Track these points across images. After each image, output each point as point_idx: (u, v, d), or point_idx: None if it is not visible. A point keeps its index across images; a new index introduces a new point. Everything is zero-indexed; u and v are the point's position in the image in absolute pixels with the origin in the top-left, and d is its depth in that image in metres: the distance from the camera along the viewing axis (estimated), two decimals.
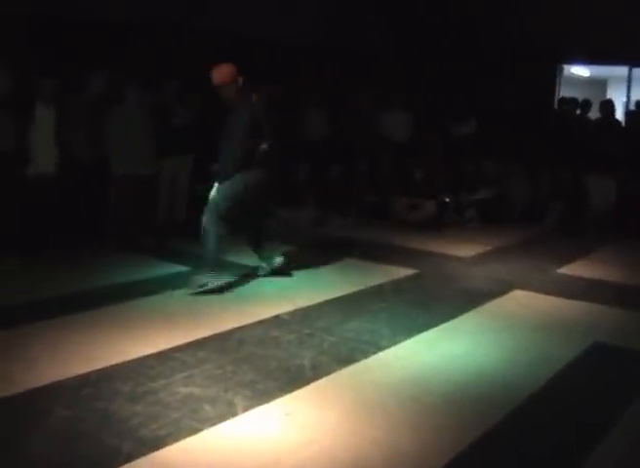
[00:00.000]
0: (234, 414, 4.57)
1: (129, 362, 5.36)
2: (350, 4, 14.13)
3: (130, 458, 3.96)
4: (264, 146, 7.31)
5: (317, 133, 11.95)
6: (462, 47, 14.92)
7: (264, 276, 7.88)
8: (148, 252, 8.85)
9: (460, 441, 4.35)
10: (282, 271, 7.94)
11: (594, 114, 12.56)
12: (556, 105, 13.99)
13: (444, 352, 5.88)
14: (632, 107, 13.35)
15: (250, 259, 8.16)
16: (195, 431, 4.32)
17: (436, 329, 6.46)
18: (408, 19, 15.09)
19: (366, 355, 5.72)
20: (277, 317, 6.60)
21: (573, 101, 12.81)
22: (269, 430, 4.41)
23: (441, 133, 12.80)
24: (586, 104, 12.56)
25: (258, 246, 7.93)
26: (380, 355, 5.77)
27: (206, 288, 7.24)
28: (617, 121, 12.67)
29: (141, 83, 9.26)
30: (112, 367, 5.25)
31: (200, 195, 7.78)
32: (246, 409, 4.66)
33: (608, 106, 12.39)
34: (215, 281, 7.32)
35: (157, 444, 4.13)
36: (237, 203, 7.35)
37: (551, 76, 15.25)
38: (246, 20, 11.89)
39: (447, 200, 11.94)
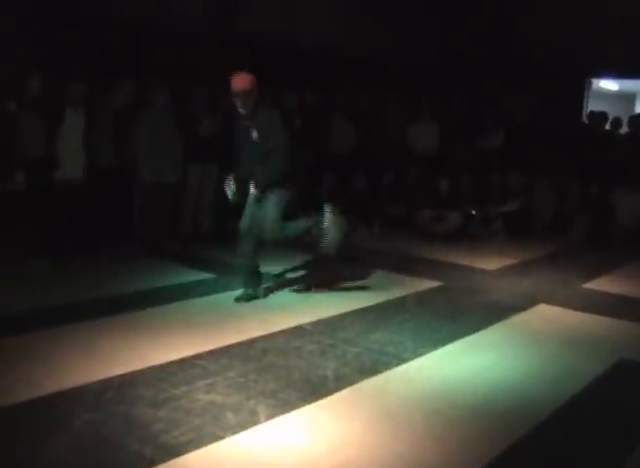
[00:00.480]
0: (256, 423, 4.54)
1: (151, 368, 5.35)
2: (380, 14, 14.11)
3: (151, 464, 3.95)
4: None
5: (344, 143, 11.91)
6: (493, 59, 14.87)
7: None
8: (173, 258, 8.88)
9: (485, 455, 4.30)
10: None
11: (623, 129, 12.50)
12: (585, 119, 13.92)
13: (469, 365, 5.83)
14: None
15: (272, 268, 8.16)
16: (217, 438, 4.29)
17: (461, 341, 6.40)
18: (437, 31, 15.09)
19: (389, 367, 5.68)
20: (299, 327, 6.57)
21: (602, 116, 12.75)
22: (292, 439, 4.38)
23: (467, 144, 12.76)
24: (617, 122, 12.49)
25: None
26: (404, 367, 5.72)
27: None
28: None
29: (170, 88, 9.27)
30: (135, 372, 5.25)
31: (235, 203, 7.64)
32: (268, 417, 4.63)
33: (637, 121, 12.33)
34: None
35: (178, 450, 4.11)
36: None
37: (580, 90, 15.17)
38: (277, 28, 11.89)
39: (473, 212, 11.89)
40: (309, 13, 12.62)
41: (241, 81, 7.05)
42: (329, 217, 7.44)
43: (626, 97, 17.65)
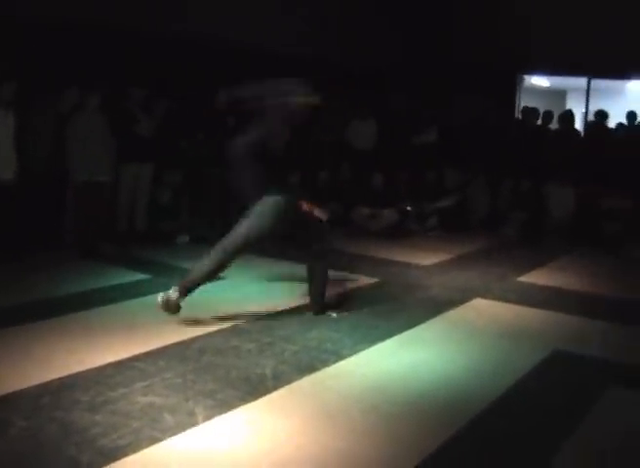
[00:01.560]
0: (195, 424, 4.53)
1: (88, 371, 5.29)
2: (320, 15, 14.10)
3: None
4: None
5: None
6: (427, 57, 14.98)
7: None
8: (108, 259, 8.79)
9: (423, 449, 4.34)
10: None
11: (554, 125, 12.70)
12: (518, 115, 14.12)
13: (406, 361, 5.88)
14: (591, 118, 13.51)
15: None
16: (155, 441, 4.27)
17: (398, 337, 6.45)
18: (373, 31, 15.14)
19: (327, 364, 5.70)
20: (236, 326, 6.56)
21: (534, 111, 12.94)
22: (230, 439, 4.38)
23: (402, 141, 12.85)
24: (548, 115, 12.69)
25: None
26: (342, 364, 5.75)
27: None
28: (576, 131, 12.82)
29: (102, 90, 9.20)
30: (72, 376, 5.18)
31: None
32: (207, 418, 4.62)
33: (567, 117, 12.54)
34: None
35: (117, 454, 4.08)
36: None
37: (512, 86, 15.37)
38: (215, 26, 11.82)
39: (408, 208, 12.00)
40: (249, 11, 12.57)
41: None
42: None
43: (557, 94, 17.92)
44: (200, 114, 10.63)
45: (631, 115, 12.42)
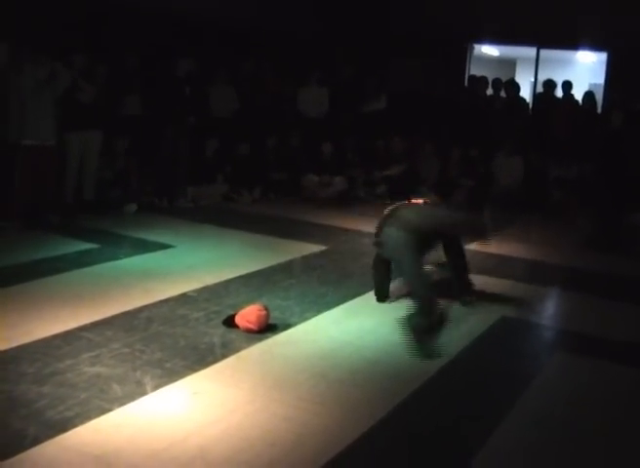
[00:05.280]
0: (143, 394, 4.53)
1: (35, 342, 5.26)
2: None
3: (37, 441, 3.89)
4: None
5: (226, 109, 11.86)
6: (376, 25, 14.89)
7: None
8: (55, 229, 8.70)
9: (370, 416, 4.40)
10: None
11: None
12: (467, 84, 14.17)
13: (353, 328, 5.93)
14: (540, 87, 13.59)
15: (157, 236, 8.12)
16: (104, 411, 4.27)
17: (346, 305, 6.52)
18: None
19: (276, 332, 5.73)
20: (184, 295, 6.54)
21: (482, 80, 13.00)
22: (178, 409, 4.40)
23: (351, 109, 12.86)
24: (498, 83, 12.78)
25: None
26: (290, 331, 5.78)
27: None
28: (523, 100, 12.92)
29: (40, 55, 9.02)
30: (18, 347, 5.14)
31: None
32: (155, 388, 4.62)
33: (511, 86, 12.65)
34: None
35: (65, 425, 4.07)
36: None
37: (462, 55, 15.35)
38: None
39: (356, 176, 12.07)
40: None
41: None
42: None
43: (507, 63, 17.97)
44: (155, 82, 10.58)
45: (566, 85, 12.58)
